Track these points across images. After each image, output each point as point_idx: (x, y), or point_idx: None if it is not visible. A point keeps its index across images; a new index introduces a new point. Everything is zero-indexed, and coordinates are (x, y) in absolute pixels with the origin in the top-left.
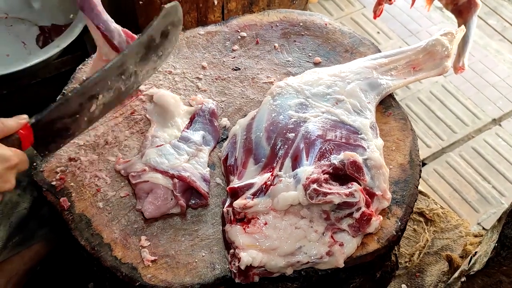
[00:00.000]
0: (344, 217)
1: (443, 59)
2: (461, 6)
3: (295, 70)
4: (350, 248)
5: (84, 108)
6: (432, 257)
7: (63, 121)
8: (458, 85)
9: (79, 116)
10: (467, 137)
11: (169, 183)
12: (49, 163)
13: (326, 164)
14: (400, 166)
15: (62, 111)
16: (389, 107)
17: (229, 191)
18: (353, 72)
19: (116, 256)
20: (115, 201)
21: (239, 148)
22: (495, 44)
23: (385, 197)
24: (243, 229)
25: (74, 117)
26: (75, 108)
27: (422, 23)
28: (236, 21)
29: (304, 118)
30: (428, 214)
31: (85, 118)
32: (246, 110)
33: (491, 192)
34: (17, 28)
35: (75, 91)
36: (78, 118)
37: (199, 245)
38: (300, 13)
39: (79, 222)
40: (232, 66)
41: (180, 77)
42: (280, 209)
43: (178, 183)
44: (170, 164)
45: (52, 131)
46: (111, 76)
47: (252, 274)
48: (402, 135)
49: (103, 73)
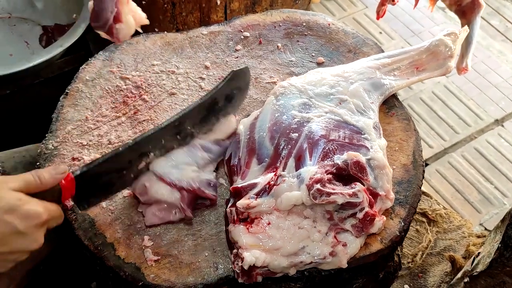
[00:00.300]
0: (348, 217)
1: (447, 59)
2: (464, 7)
3: (298, 70)
4: (353, 249)
5: (133, 165)
6: (434, 258)
7: (109, 176)
8: (460, 85)
9: (126, 172)
10: (470, 138)
11: (176, 196)
12: (52, 162)
13: (330, 164)
14: (403, 166)
15: (110, 165)
16: (392, 107)
17: (232, 191)
18: (356, 72)
19: (119, 255)
20: (118, 201)
21: (242, 148)
22: (497, 45)
23: (389, 197)
24: (246, 229)
25: (121, 173)
26: (124, 164)
27: (424, 24)
28: (239, 21)
29: (307, 118)
30: (430, 214)
31: (131, 174)
32: (249, 110)
33: (494, 193)
34: (20, 27)
35: (127, 146)
36: (125, 174)
37: (202, 245)
38: (303, 13)
39: (83, 222)
40: (235, 66)
41: (183, 77)
42: (284, 209)
43: (186, 195)
44: (179, 174)
45: (95, 185)
46: (167, 135)
47: (255, 274)
48: (405, 136)
49: (159, 131)
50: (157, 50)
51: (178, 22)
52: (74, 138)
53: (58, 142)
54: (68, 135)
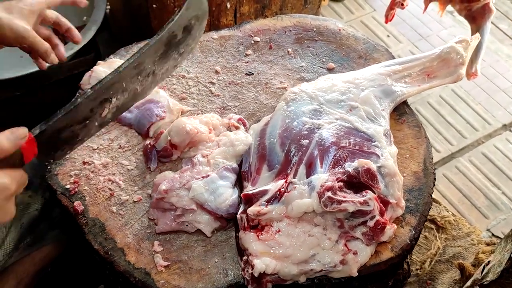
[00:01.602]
0: (358, 225)
1: (458, 66)
2: (474, 12)
3: (309, 76)
4: (364, 257)
5: (95, 113)
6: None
7: (71, 129)
8: (468, 90)
9: (89, 122)
10: (477, 143)
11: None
12: (63, 166)
13: (341, 171)
14: (414, 174)
15: (70, 119)
16: (403, 114)
17: (243, 197)
18: (367, 79)
19: (129, 261)
20: (128, 206)
21: (253, 154)
22: (506, 49)
23: (399, 205)
24: (257, 236)
25: (83, 123)
26: (85, 114)
27: (432, 27)
28: (249, 25)
29: (318, 124)
30: (439, 221)
31: (95, 123)
32: (260, 115)
33: (501, 198)
34: None
35: (85, 96)
36: (88, 123)
37: (212, 251)
38: (314, 18)
39: (93, 226)
40: (246, 71)
41: (193, 82)
42: (294, 217)
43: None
44: (217, 201)
45: (58, 140)
46: (126, 78)
47: (265, 281)
48: (416, 143)
49: (117, 76)
50: None
51: None
52: (85, 142)
53: None
54: None
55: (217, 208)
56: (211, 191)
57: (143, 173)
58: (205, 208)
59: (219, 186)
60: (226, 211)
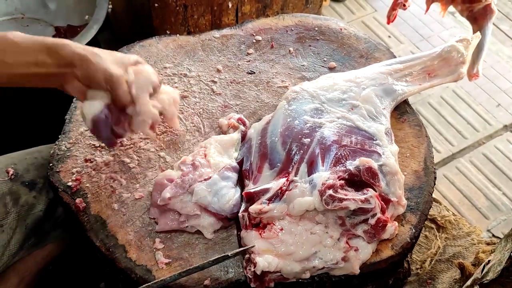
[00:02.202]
0: (360, 223)
1: (458, 65)
2: (476, 13)
3: (310, 75)
4: (365, 254)
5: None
6: (443, 264)
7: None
8: (469, 90)
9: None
10: (478, 143)
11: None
12: (65, 163)
13: (342, 170)
14: (415, 173)
15: None
16: (403, 113)
17: (244, 195)
18: (368, 77)
19: (130, 258)
20: (130, 203)
21: (254, 153)
22: (507, 50)
23: (401, 204)
24: (259, 234)
25: None
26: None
27: (434, 28)
28: (251, 24)
29: (319, 123)
30: (440, 220)
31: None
32: (261, 114)
33: (501, 199)
34: (33, 28)
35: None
36: None
37: (213, 248)
38: (315, 17)
39: (95, 223)
40: (247, 70)
41: (195, 80)
42: (296, 215)
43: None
44: (221, 202)
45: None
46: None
47: (267, 279)
48: (417, 142)
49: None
50: (170, 52)
51: (190, 24)
52: (87, 140)
53: (71, 144)
54: (81, 136)
55: (221, 209)
56: (214, 193)
57: (144, 171)
58: (209, 210)
59: (222, 187)
60: (231, 211)
